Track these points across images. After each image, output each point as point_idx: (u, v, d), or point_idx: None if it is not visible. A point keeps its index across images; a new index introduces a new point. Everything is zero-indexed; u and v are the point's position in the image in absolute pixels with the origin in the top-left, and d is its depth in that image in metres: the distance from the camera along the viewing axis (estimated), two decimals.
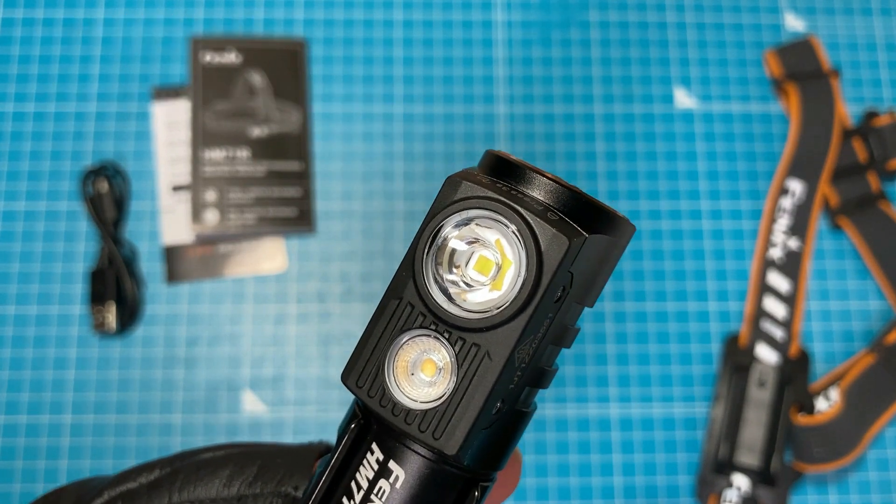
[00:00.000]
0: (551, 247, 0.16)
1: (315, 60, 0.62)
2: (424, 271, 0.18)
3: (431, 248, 0.18)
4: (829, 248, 0.61)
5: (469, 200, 0.17)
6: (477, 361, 0.17)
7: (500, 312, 0.17)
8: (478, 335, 0.17)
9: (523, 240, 0.16)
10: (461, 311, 0.17)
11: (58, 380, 0.56)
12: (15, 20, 0.62)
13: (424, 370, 0.18)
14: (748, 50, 0.64)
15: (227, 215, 0.59)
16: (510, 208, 0.16)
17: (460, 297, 0.17)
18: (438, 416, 0.17)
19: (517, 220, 0.16)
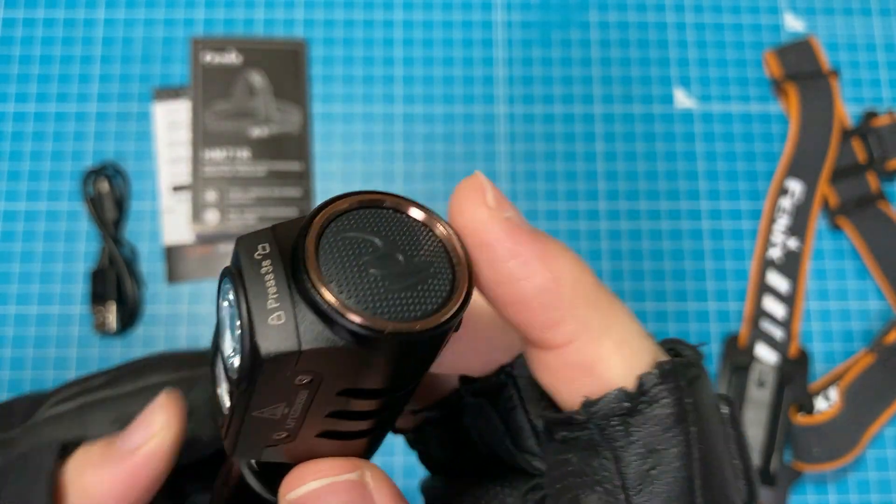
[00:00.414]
0: (253, 351, 0.15)
1: (315, 61, 0.62)
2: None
3: (218, 294, 0.18)
4: (829, 248, 0.61)
5: (231, 263, 0.17)
6: (234, 405, 0.17)
7: (234, 381, 0.16)
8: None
9: (242, 330, 0.15)
10: (227, 359, 0.17)
11: (59, 380, 0.56)
12: (16, 20, 0.62)
13: (224, 381, 0.19)
14: (748, 50, 0.64)
15: (227, 215, 0.59)
16: (239, 293, 0.15)
17: (228, 347, 0.17)
18: (226, 423, 0.18)
19: (241, 307, 0.15)
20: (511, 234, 0.16)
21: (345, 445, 0.18)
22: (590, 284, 0.17)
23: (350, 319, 0.15)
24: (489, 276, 0.17)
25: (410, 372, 0.17)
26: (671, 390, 0.16)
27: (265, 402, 0.16)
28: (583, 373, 0.16)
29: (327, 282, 0.15)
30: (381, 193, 0.17)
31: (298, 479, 0.18)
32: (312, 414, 0.17)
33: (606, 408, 0.16)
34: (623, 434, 0.16)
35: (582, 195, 0.61)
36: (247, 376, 0.16)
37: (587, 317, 0.16)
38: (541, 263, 0.16)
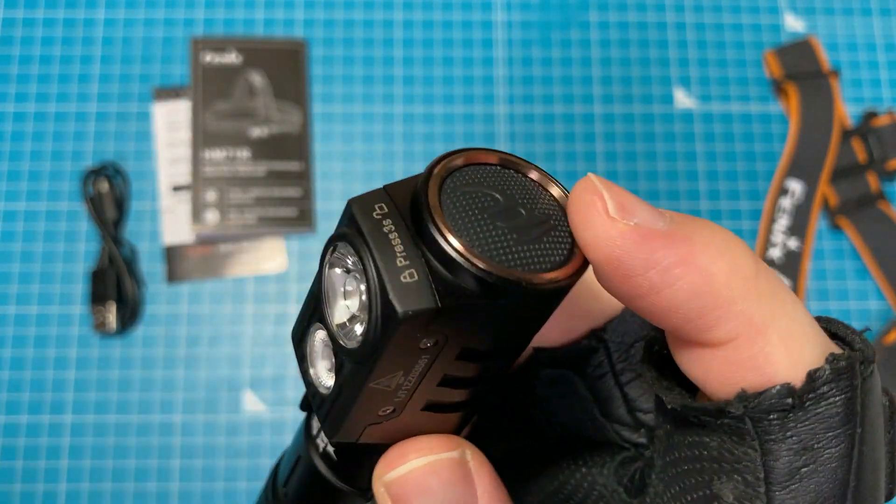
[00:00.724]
0: (386, 312, 0.15)
1: (315, 61, 0.62)
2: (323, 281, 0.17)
3: (324, 262, 0.17)
4: (829, 248, 0.61)
5: (343, 227, 0.16)
6: (345, 379, 0.16)
7: (353, 351, 0.16)
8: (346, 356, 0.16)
9: (369, 293, 0.15)
10: (337, 330, 0.16)
11: (58, 379, 0.56)
12: (16, 20, 0.62)
13: (324, 360, 0.18)
14: (748, 50, 0.64)
15: (227, 215, 0.59)
16: (364, 254, 0.15)
17: (343, 316, 0.17)
18: (327, 402, 0.17)
19: (368, 270, 0.15)
20: (643, 243, 0.14)
21: (444, 421, 0.18)
22: (748, 271, 0.15)
23: (487, 270, 0.14)
24: (627, 289, 0.15)
25: (528, 328, 0.17)
26: (843, 388, 0.15)
27: (386, 371, 0.15)
28: (744, 369, 0.15)
29: (457, 234, 0.15)
30: (493, 151, 0.17)
31: (400, 458, 0.17)
32: (426, 382, 0.16)
33: (766, 404, 0.15)
34: (779, 427, 0.15)
35: None
36: (376, 341, 0.15)
37: (749, 311, 0.15)
38: (685, 266, 0.14)
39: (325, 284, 0.16)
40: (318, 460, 0.20)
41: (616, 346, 0.19)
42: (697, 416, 0.16)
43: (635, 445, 0.19)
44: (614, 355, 0.19)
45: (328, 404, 0.17)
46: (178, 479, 0.55)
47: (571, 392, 0.20)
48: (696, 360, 0.16)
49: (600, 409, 0.19)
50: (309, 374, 0.18)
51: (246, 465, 0.56)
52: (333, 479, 0.20)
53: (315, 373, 0.18)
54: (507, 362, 0.18)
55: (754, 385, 0.15)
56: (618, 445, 0.19)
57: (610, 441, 0.19)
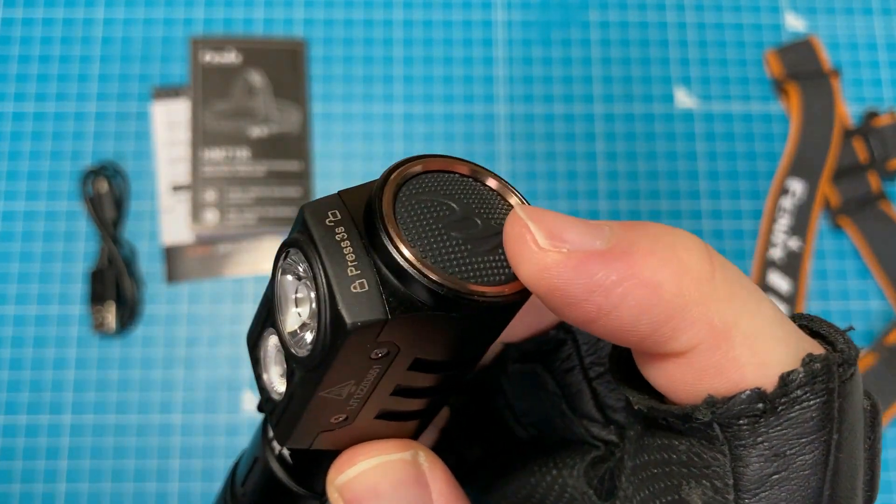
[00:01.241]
0: (336, 322, 0.14)
1: (315, 60, 0.62)
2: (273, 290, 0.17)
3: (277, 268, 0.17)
4: (830, 247, 0.61)
5: (295, 233, 0.16)
6: (296, 387, 0.16)
7: (303, 359, 0.15)
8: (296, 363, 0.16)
9: (318, 302, 0.14)
10: (288, 337, 0.16)
11: (57, 380, 0.56)
12: (14, 20, 0.62)
13: (276, 365, 0.17)
14: (749, 50, 0.64)
15: (226, 215, 0.59)
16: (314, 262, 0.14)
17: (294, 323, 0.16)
18: (279, 408, 0.17)
19: (318, 278, 0.14)
20: (579, 268, 0.14)
21: (398, 428, 0.17)
22: (700, 273, 0.14)
23: (439, 282, 0.14)
24: (576, 317, 0.14)
25: (483, 339, 0.16)
26: (819, 392, 0.14)
27: (336, 381, 0.15)
28: (710, 376, 0.14)
29: (410, 244, 0.14)
30: (452, 158, 0.16)
31: (348, 461, 0.17)
32: (378, 392, 0.16)
33: (736, 409, 0.14)
34: (749, 433, 0.14)
35: (582, 195, 0.61)
36: (325, 351, 0.14)
37: (707, 315, 0.14)
38: (629, 282, 0.14)
39: (277, 290, 0.16)
40: (275, 463, 0.20)
41: (584, 338, 0.19)
42: (666, 419, 0.15)
43: (605, 443, 0.19)
44: (583, 348, 0.19)
45: (280, 410, 0.17)
46: (178, 480, 0.55)
47: (540, 387, 0.19)
48: (659, 372, 0.15)
49: (568, 404, 0.19)
50: (262, 378, 0.17)
51: None
52: (289, 482, 0.20)
53: (268, 378, 0.17)
54: (461, 372, 0.17)
55: (722, 391, 0.14)
56: (588, 444, 0.19)
57: (580, 439, 0.19)
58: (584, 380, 0.19)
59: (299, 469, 0.20)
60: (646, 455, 0.16)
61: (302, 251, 0.15)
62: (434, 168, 0.16)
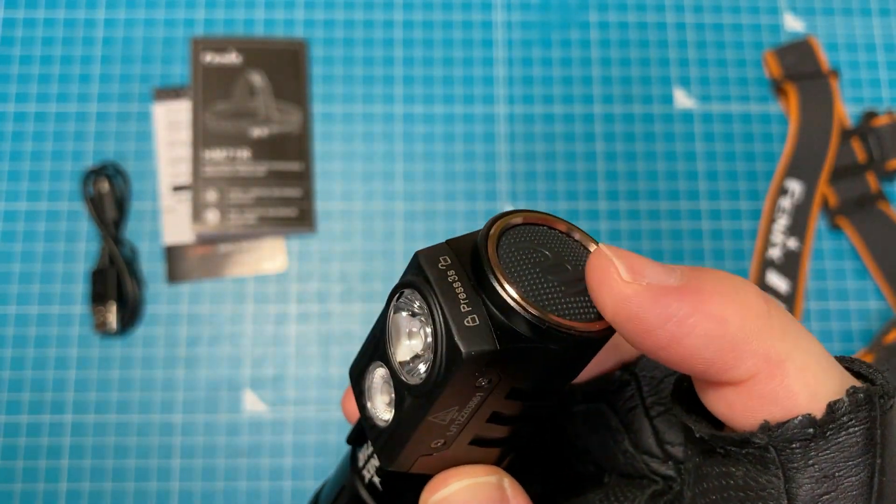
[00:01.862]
0: (451, 352, 0.16)
1: (315, 61, 0.62)
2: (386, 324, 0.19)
3: (390, 307, 0.18)
4: (828, 248, 0.61)
5: (410, 276, 0.18)
6: (405, 413, 0.18)
7: (416, 387, 0.17)
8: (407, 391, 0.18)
9: (435, 335, 0.17)
10: (400, 367, 0.18)
11: (59, 379, 0.56)
12: (16, 20, 0.62)
13: (382, 395, 0.19)
14: (747, 50, 0.64)
15: (227, 215, 0.59)
16: (431, 300, 0.17)
17: (406, 355, 0.18)
18: (385, 434, 0.19)
19: (435, 314, 0.17)
20: (657, 300, 0.16)
21: (485, 454, 0.19)
22: (759, 311, 0.16)
23: (540, 317, 0.16)
24: (650, 344, 0.16)
25: (570, 371, 0.18)
26: (862, 420, 0.15)
27: (443, 406, 0.17)
28: (766, 403, 0.16)
29: (513, 284, 0.16)
30: (544, 214, 0.19)
31: (443, 483, 0.19)
32: (476, 418, 0.18)
33: (789, 433, 0.15)
34: (801, 456, 0.16)
35: (582, 195, 0.61)
36: (439, 378, 0.16)
37: (764, 348, 0.16)
38: (699, 315, 0.15)
39: (389, 326, 0.18)
40: (364, 491, 0.22)
41: (647, 380, 0.21)
42: (724, 447, 0.17)
43: (664, 478, 0.20)
44: (645, 389, 0.21)
45: (386, 436, 0.19)
46: (179, 479, 0.55)
47: (604, 425, 0.21)
48: (720, 399, 0.17)
49: (631, 440, 0.20)
50: (367, 408, 0.19)
51: (246, 464, 0.56)
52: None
53: (373, 406, 0.19)
54: (548, 402, 0.19)
55: (776, 417, 0.16)
56: (648, 479, 0.20)
57: (640, 474, 0.20)
58: (645, 417, 0.20)
59: (388, 497, 0.22)
60: (705, 483, 0.17)
61: (419, 291, 0.17)
62: (531, 221, 0.18)
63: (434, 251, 0.17)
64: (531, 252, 0.17)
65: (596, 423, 0.21)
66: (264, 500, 0.55)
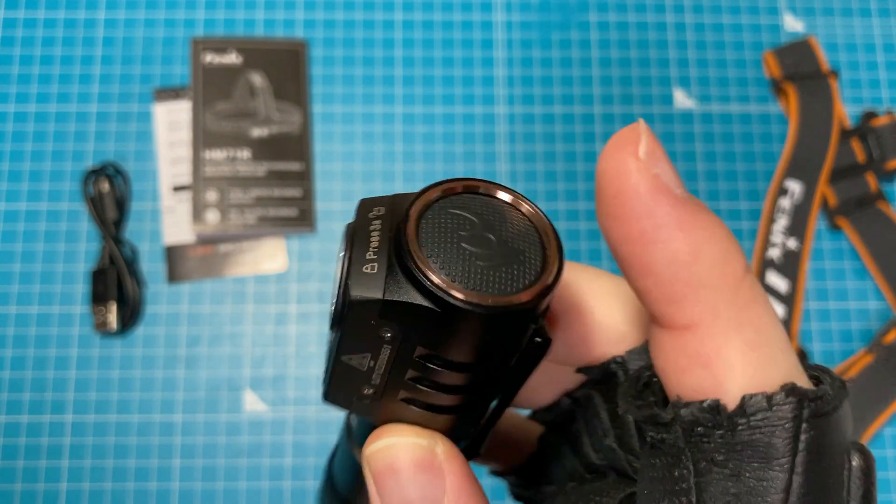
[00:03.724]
0: (344, 294, 0.17)
1: (315, 61, 0.62)
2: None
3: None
4: (828, 248, 0.61)
5: (351, 220, 0.18)
6: (329, 346, 0.19)
7: (330, 322, 0.18)
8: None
9: (339, 275, 0.17)
10: (330, 302, 0.19)
11: (59, 379, 0.56)
12: (17, 20, 0.62)
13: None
14: (747, 51, 0.64)
15: (227, 215, 0.59)
16: (346, 244, 0.17)
17: (332, 293, 0.19)
18: (326, 367, 0.20)
19: (344, 257, 0.17)
20: (652, 192, 0.14)
21: (430, 418, 0.19)
22: (735, 271, 0.15)
23: (432, 280, 0.16)
24: (619, 232, 0.15)
25: (490, 352, 0.17)
26: (784, 422, 0.14)
27: (352, 349, 0.17)
28: (698, 364, 0.15)
29: (421, 246, 0.16)
30: (478, 180, 0.18)
31: (376, 436, 0.19)
32: (395, 374, 0.18)
33: (693, 414, 0.14)
34: (710, 448, 0.14)
35: (581, 195, 0.61)
36: (338, 317, 0.17)
37: (718, 303, 0.14)
38: (679, 231, 0.14)
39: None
40: (344, 434, 0.23)
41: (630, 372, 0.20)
42: (648, 433, 0.16)
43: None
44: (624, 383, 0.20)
45: (326, 369, 0.20)
46: (179, 479, 0.55)
47: (596, 417, 0.20)
48: (659, 347, 0.16)
49: (616, 438, 0.20)
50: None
51: (246, 464, 0.56)
52: (350, 444, 0.23)
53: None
54: (484, 381, 0.18)
55: (701, 388, 0.14)
56: (630, 478, 0.20)
57: (623, 472, 0.20)
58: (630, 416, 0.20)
59: (356, 433, 0.23)
60: (642, 477, 0.17)
61: (344, 233, 0.18)
62: (466, 188, 0.18)
63: (374, 201, 0.18)
64: (456, 219, 0.17)
65: (588, 415, 0.21)
66: (264, 499, 0.55)
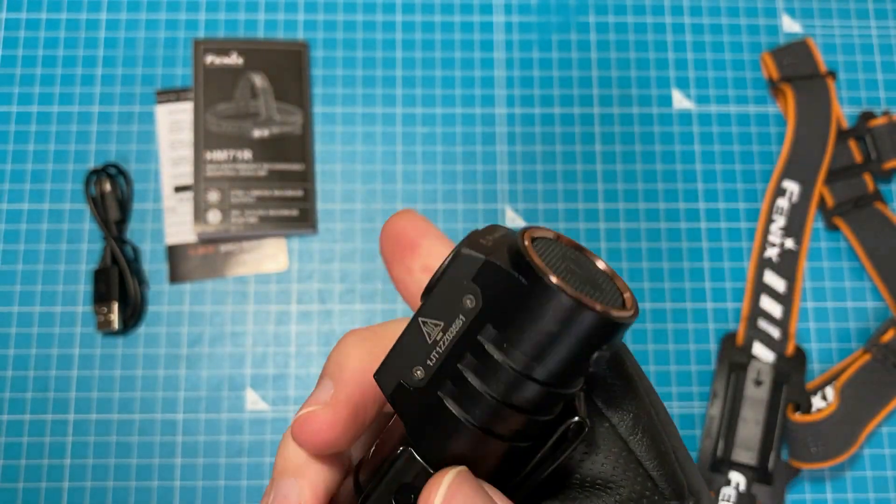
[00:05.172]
0: (455, 251, 0.19)
1: (316, 62, 0.63)
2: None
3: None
4: (825, 248, 0.61)
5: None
6: (419, 311, 0.19)
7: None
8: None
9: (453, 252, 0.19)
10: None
11: (61, 378, 0.57)
12: (19, 21, 0.62)
13: None
14: (745, 52, 0.64)
15: (229, 215, 0.59)
16: (467, 240, 0.19)
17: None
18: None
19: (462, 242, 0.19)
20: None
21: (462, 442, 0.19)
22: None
23: (533, 260, 0.17)
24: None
25: (562, 354, 0.17)
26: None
27: (433, 311, 0.19)
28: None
29: (531, 247, 0.18)
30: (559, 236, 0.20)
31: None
32: (452, 357, 0.18)
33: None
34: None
35: (580, 196, 0.61)
36: (439, 274, 0.19)
37: None
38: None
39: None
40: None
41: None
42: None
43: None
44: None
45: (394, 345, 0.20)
46: (180, 478, 0.55)
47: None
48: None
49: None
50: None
51: (247, 463, 0.56)
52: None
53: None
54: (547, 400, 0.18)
55: None
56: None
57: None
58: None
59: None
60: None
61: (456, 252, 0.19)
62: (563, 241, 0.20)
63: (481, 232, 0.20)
64: (563, 248, 0.19)
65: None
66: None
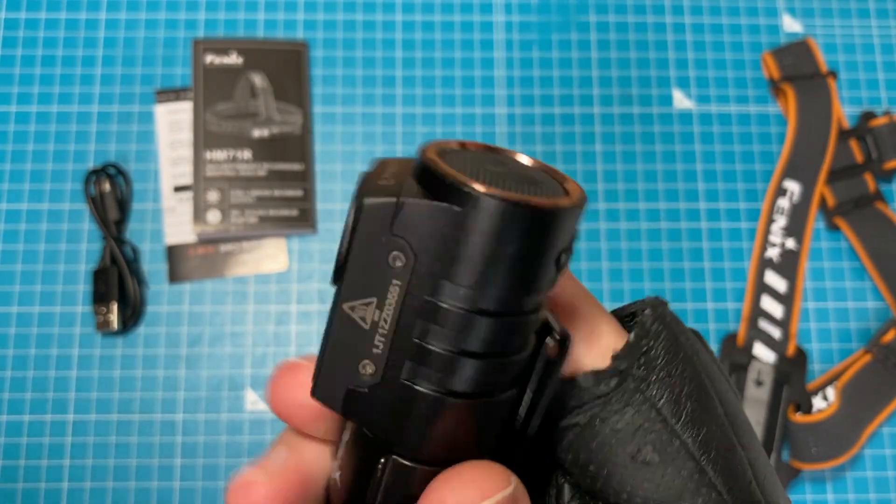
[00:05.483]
0: (356, 206, 0.15)
1: (316, 62, 0.63)
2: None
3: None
4: (826, 248, 0.61)
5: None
6: (331, 311, 0.16)
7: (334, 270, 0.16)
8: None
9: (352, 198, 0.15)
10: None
11: (60, 378, 0.57)
12: (18, 21, 0.62)
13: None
14: (746, 51, 0.64)
15: (228, 215, 0.59)
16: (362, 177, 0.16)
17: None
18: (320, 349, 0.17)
19: (358, 181, 0.16)
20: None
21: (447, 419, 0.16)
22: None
23: (450, 175, 0.14)
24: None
25: (512, 270, 0.15)
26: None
27: (356, 290, 0.15)
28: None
29: (443, 159, 0.15)
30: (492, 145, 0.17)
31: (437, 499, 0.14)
32: (401, 333, 0.15)
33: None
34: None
35: None
36: (347, 240, 0.15)
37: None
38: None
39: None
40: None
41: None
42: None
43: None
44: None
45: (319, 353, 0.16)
46: (180, 478, 0.55)
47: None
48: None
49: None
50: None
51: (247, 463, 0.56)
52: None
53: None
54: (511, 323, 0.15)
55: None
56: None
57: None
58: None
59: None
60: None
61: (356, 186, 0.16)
62: (485, 146, 0.17)
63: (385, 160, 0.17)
64: (478, 154, 0.16)
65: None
66: None
